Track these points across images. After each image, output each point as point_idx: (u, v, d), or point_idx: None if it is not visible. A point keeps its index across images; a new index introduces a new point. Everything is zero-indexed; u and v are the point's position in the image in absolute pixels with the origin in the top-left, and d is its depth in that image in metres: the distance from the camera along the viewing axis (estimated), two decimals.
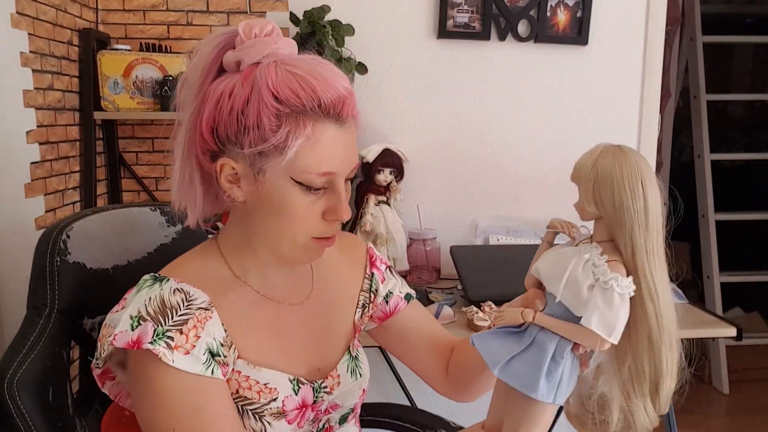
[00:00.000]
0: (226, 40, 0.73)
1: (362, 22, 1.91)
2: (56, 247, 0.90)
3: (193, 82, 0.74)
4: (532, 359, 0.64)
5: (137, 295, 0.73)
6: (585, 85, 2.03)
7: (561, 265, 0.65)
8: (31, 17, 1.52)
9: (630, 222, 0.63)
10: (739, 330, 1.52)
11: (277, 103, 0.68)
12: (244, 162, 0.72)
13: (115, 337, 0.70)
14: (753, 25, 3.78)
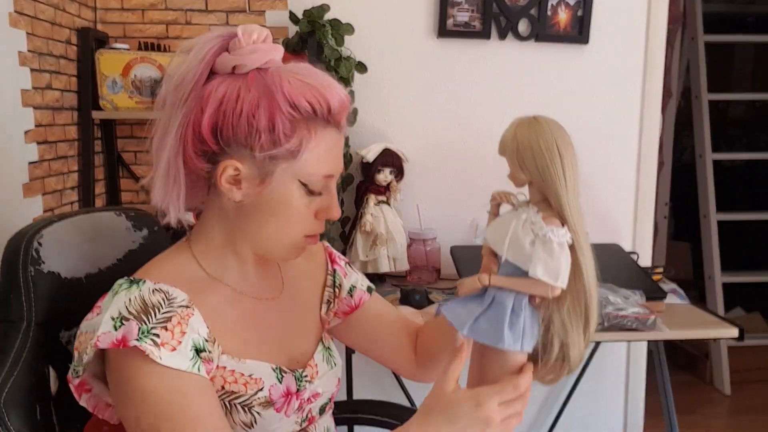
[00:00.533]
0: (222, 43, 0.74)
1: (362, 22, 1.91)
2: (28, 255, 0.84)
3: (186, 81, 0.74)
4: (494, 316, 0.71)
5: (114, 299, 0.73)
6: (586, 84, 2.02)
7: (503, 229, 0.72)
8: (29, 16, 1.52)
9: (552, 180, 0.70)
10: (740, 330, 1.51)
11: (292, 110, 0.72)
12: (252, 164, 0.74)
13: (99, 339, 0.69)
14: (754, 24, 3.77)
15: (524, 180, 0.73)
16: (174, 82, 0.74)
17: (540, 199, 0.72)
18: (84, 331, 0.73)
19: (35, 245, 0.86)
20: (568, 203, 0.70)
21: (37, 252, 0.86)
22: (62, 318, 0.87)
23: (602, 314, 1.45)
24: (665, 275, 1.89)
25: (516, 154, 0.73)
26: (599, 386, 2.19)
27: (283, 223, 0.78)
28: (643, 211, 2.10)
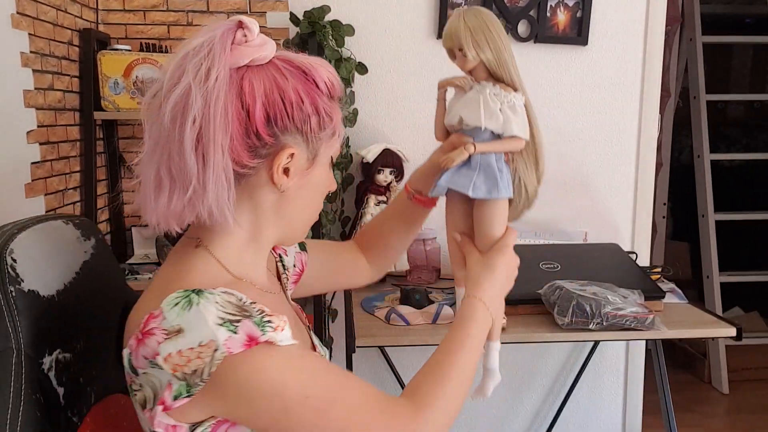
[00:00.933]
0: (231, 38, 0.72)
1: (362, 22, 1.92)
2: (5, 273, 0.74)
3: (218, 83, 0.69)
4: (487, 176, 0.87)
5: (193, 311, 0.66)
6: (585, 85, 2.03)
7: (474, 105, 0.87)
8: (31, 17, 1.52)
9: (503, 55, 0.87)
10: (738, 330, 1.52)
11: (328, 92, 0.76)
12: (302, 149, 0.75)
13: (227, 346, 0.65)
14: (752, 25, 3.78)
15: (474, 62, 0.86)
16: (195, 87, 0.68)
17: (486, 76, 0.88)
18: (172, 351, 0.65)
19: (9, 261, 0.76)
20: (516, 72, 0.89)
21: (13, 269, 0.75)
22: (44, 342, 0.78)
23: (601, 313, 1.46)
24: (664, 275, 1.90)
25: (471, 38, 0.84)
26: (598, 385, 2.20)
27: (318, 201, 0.83)
28: (641, 210, 2.11)
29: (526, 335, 1.49)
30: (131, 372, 0.69)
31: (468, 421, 2.18)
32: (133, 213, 0.78)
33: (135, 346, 0.68)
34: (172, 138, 0.69)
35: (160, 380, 0.66)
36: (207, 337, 0.65)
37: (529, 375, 2.18)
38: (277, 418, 0.68)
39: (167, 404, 0.66)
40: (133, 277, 1.79)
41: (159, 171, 0.71)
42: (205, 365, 0.65)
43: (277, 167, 0.73)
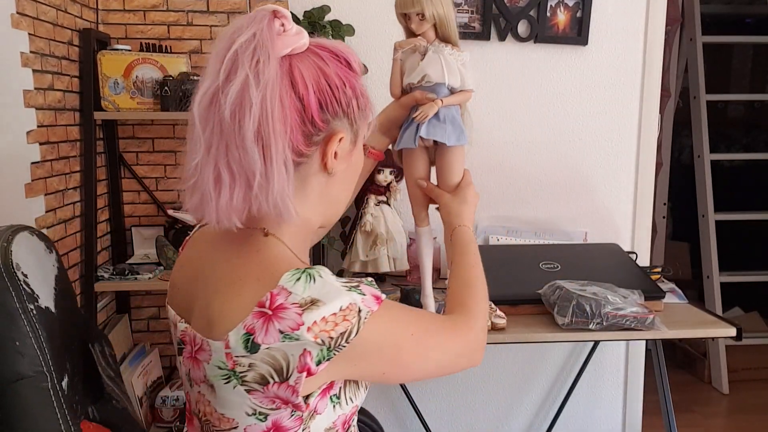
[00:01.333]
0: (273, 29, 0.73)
1: (362, 22, 1.92)
2: (21, 291, 0.69)
3: (269, 76, 0.69)
4: (454, 126, 1.04)
5: (318, 282, 0.70)
6: (585, 85, 2.03)
7: (437, 63, 1.02)
8: (31, 17, 1.52)
9: (451, 15, 1.03)
10: (738, 330, 1.52)
11: (359, 72, 0.80)
12: (348, 132, 0.78)
13: (366, 306, 0.71)
14: (752, 25, 3.78)
15: (430, 23, 1.01)
16: (252, 80, 0.68)
17: (434, 36, 1.03)
18: (317, 319, 0.68)
19: (21, 276, 0.71)
20: (457, 34, 1.05)
21: (27, 285, 0.71)
22: (62, 363, 0.74)
23: (601, 313, 1.46)
24: (664, 275, 1.90)
25: (433, 4, 1.00)
26: (598, 385, 2.20)
27: (354, 181, 0.86)
28: (641, 211, 2.11)
29: (526, 335, 1.49)
30: (246, 352, 0.69)
31: (468, 420, 2.18)
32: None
33: (263, 324, 0.69)
34: (231, 133, 0.69)
35: (287, 353, 0.68)
36: (346, 301, 0.70)
37: (529, 375, 2.18)
38: (392, 360, 0.76)
39: (312, 370, 0.69)
40: (133, 277, 1.79)
41: (218, 168, 0.70)
42: (352, 326, 0.70)
43: (330, 152, 0.76)
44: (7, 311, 0.68)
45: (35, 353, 0.68)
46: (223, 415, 0.74)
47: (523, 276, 1.70)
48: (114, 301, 2.03)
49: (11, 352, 0.68)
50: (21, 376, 0.68)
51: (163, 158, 2.00)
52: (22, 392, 0.68)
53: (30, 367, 0.68)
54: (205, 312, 0.75)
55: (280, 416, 0.73)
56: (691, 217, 3.22)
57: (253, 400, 0.71)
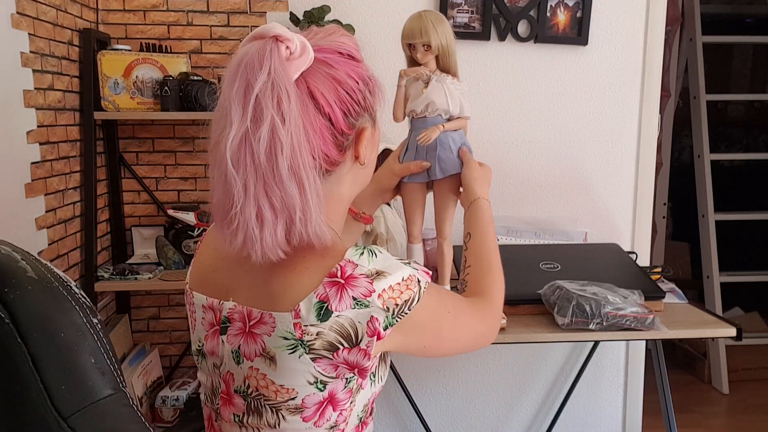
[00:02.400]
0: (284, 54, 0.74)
1: (362, 23, 1.92)
2: (82, 304, 0.68)
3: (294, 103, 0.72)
4: (432, 156, 1.12)
5: (380, 257, 0.78)
6: (585, 85, 2.03)
7: (440, 93, 1.08)
8: (31, 17, 1.52)
9: (453, 47, 1.09)
10: (738, 330, 1.52)
11: (363, 62, 0.83)
12: (369, 123, 0.84)
13: (423, 277, 0.79)
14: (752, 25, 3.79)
15: (434, 54, 1.07)
16: (278, 120, 0.71)
17: (435, 66, 1.09)
18: (385, 287, 0.76)
19: (75, 289, 0.68)
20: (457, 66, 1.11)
21: (84, 297, 0.69)
22: (122, 378, 0.73)
23: (601, 314, 1.46)
24: (664, 275, 1.90)
25: (435, 33, 1.05)
26: (598, 385, 2.20)
27: (376, 153, 0.91)
28: (641, 211, 2.11)
29: (526, 335, 1.49)
30: (317, 320, 0.74)
31: (468, 420, 2.18)
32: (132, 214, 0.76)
33: (337, 291, 0.75)
34: (269, 173, 0.72)
35: (354, 321, 0.75)
36: (407, 273, 0.78)
37: (529, 375, 2.18)
38: (434, 334, 0.83)
39: (381, 334, 0.76)
40: (133, 277, 1.79)
41: (260, 208, 0.73)
42: (415, 294, 0.78)
43: (362, 148, 0.83)
44: (76, 327, 0.66)
45: (110, 370, 0.67)
46: (282, 386, 0.78)
47: (523, 276, 1.69)
48: (114, 301, 2.03)
49: (90, 370, 0.66)
50: (103, 396, 0.66)
51: (163, 158, 2.00)
52: (107, 412, 0.67)
53: (110, 385, 0.67)
54: (263, 288, 0.79)
55: (336, 387, 0.78)
56: (691, 217, 3.22)
57: (317, 368, 0.76)
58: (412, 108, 1.10)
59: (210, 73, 1.93)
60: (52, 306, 0.66)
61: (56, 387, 0.64)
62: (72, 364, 0.65)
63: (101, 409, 0.66)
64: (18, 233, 1.46)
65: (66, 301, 0.67)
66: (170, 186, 2.01)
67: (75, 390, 0.65)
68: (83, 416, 0.65)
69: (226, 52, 1.96)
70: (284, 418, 0.79)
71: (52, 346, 0.65)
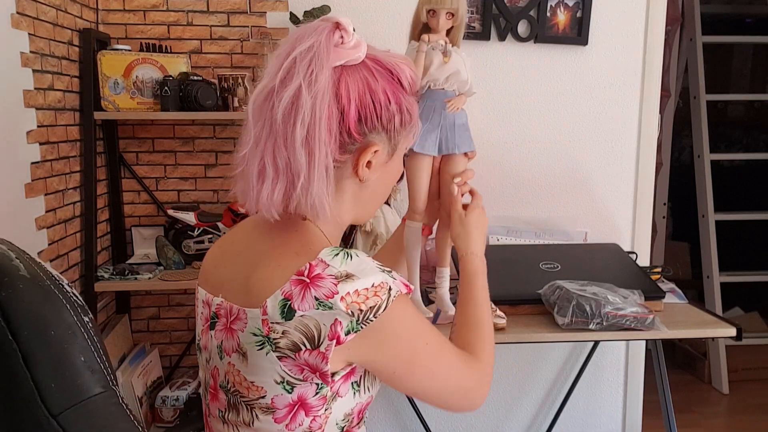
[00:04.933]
0: (331, 40, 0.77)
1: (362, 22, 1.91)
2: (73, 302, 0.68)
3: (321, 84, 0.74)
4: (452, 131, 1.07)
5: (355, 260, 0.76)
6: (585, 85, 2.03)
7: (462, 64, 1.06)
8: (31, 17, 1.52)
9: (465, 24, 1.09)
10: (738, 330, 1.52)
11: (410, 90, 0.83)
12: (386, 145, 0.82)
13: (396, 287, 0.76)
14: (752, 25, 3.79)
15: (451, 25, 1.05)
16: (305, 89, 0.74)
17: (448, 39, 1.07)
18: (350, 291, 0.74)
19: (68, 289, 0.69)
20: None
21: (76, 296, 0.69)
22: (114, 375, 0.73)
23: (601, 314, 1.46)
24: (664, 275, 1.90)
25: (463, 6, 1.05)
26: (598, 385, 2.20)
27: (389, 188, 0.90)
28: (641, 211, 2.11)
29: (526, 335, 1.49)
30: (281, 318, 0.74)
31: (468, 420, 2.18)
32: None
33: (300, 290, 0.74)
34: (282, 134, 0.75)
35: (318, 322, 0.73)
36: (379, 279, 0.75)
37: (529, 375, 2.18)
38: (406, 361, 0.79)
39: (341, 339, 0.74)
40: (133, 277, 1.79)
41: (263, 162, 0.76)
42: (382, 302, 0.75)
43: (362, 162, 0.81)
44: (67, 325, 0.66)
45: (100, 368, 0.67)
46: (253, 383, 0.78)
47: (523, 276, 1.69)
48: (114, 301, 2.03)
49: (80, 368, 0.66)
50: (93, 393, 0.67)
51: (163, 158, 2.00)
52: (97, 410, 0.67)
53: (99, 383, 0.67)
54: (244, 284, 0.80)
55: (305, 391, 0.77)
56: (691, 217, 3.22)
57: (283, 367, 0.76)
58: (433, 78, 1.06)
59: (210, 73, 1.93)
60: (43, 304, 0.66)
61: (46, 384, 0.65)
62: (62, 362, 0.66)
63: (91, 407, 0.67)
64: (18, 233, 1.46)
65: (57, 300, 0.68)
66: (170, 186, 2.01)
67: (64, 388, 0.66)
68: (72, 414, 0.66)
69: (226, 52, 1.96)
70: (258, 418, 0.79)
71: (42, 343, 0.65)
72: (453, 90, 1.06)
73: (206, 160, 2.00)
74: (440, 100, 1.05)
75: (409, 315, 0.79)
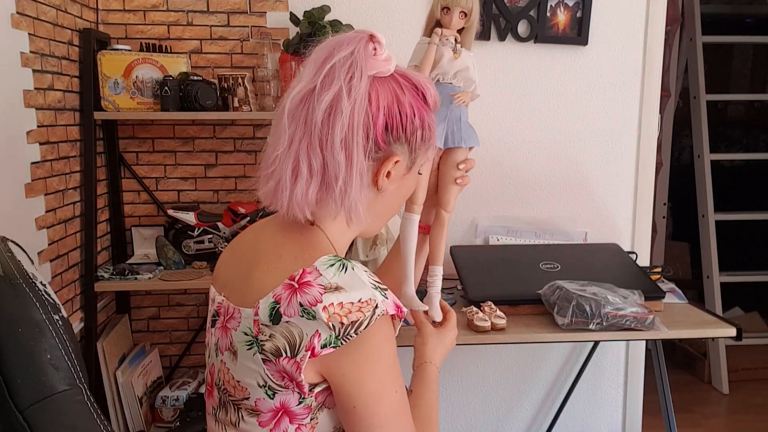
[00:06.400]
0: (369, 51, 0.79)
1: (362, 23, 1.91)
2: (44, 301, 0.69)
3: (364, 88, 0.77)
4: (458, 125, 1.06)
5: (345, 275, 0.76)
6: (585, 85, 2.03)
7: (471, 63, 1.07)
8: (31, 17, 1.52)
9: (476, 26, 1.06)
10: (738, 330, 1.52)
11: (432, 107, 0.85)
12: (406, 157, 0.84)
13: (384, 305, 0.75)
14: (752, 25, 3.79)
15: (463, 25, 1.05)
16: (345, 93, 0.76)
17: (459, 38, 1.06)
18: (334, 302, 0.73)
19: (40, 286, 0.70)
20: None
21: (48, 294, 0.70)
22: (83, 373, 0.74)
23: (601, 314, 1.46)
24: (664, 275, 1.90)
25: (476, 7, 1.04)
26: (598, 385, 2.20)
27: (401, 202, 0.91)
28: (641, 210, 2.11)
29: (526, 335, 1.49)
30: (269, 321, 0.75)
31: (468, 420, 2.18)
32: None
33: (288, 295, 0.74)
34: (320, 136, 0.76)
35: (302, 330, 0.73)
36: (367, 295, 0.74)
37: (529, 375, 2.18)
38: (368, 399, 0.76)
39: (316, 351, 0.73)
40: (133, 277, 1.79)
41: (298, 161, 0.77)
42: (365, 318, 0.73)
43: (383, 171, 0.82)
44: (34, 323, 0.68)
45: (67, 366, 0.69)
46: (239, 382, 0.79)
47: (523, 276, 1.70)
48: (114, 301, 2.03)
49: (45, 365, 0.68)
50: (57, 390, 0.69)
51: (163, 158, 2.00)
52: (61, 407, 0.68)
53: (65, 381, 0.68)
54: (243, 284, 0.81)
55: (288, 399, 0.77)
56: (691, 217, 3.22)
57: (266, 370, 0.76)
58: (443, 72, 1.07)
59: (210, 73, 1.93)
60: (12, 302, 0.69)
61: (13, 380, 0.67)
62: (27, 359, 0.68)
63: (55, 403, 0.69)
64: (18, 233, 1.46)
65: (27, 298, 0.69)
66: (170, 186, 2.01)
67: (30, 384, 0.68)
68: (38, 410, 0.68)
69: (226, 52, 1.96)
70: (243, 419, 0.80)
71: (10, 340, 0.67)
72: (459, 86, 1.07)
73: (206, 160, 2.00)
74: (447, 94, 1.06)
75: (388, 346, 0.77)
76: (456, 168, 1.08)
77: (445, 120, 1.06)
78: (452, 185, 1.09)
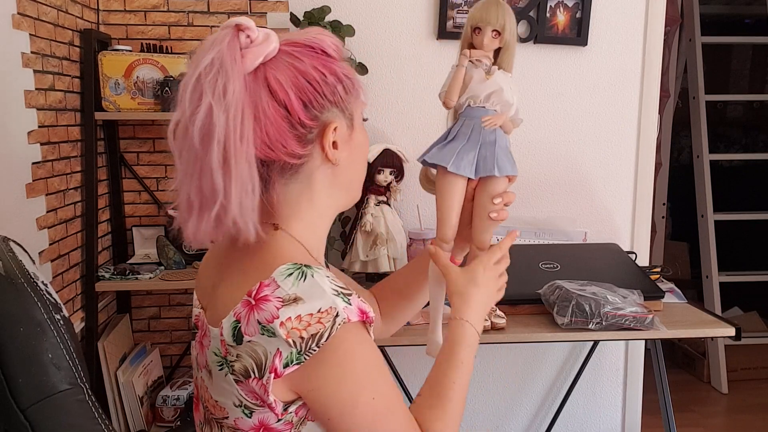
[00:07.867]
0: (237, 46, 0.73)
1: (362, 23, 1.92)
2: (45, 300, 0.70)
3: (235, 96, 0.70)
4: (491, 151, 0.95)
5: (303, 283, 0.70)
6: (584, 85, 2.03)
7: (507, 84, 0.97)
8: (32, 18, 1.53)
9: (514, 49, 0.98)
10: (737, 330, 1.53)
11: (338, 56, 0.79)
12: (341, 119, 0.78)
13: (346, 313, 0.69)
14: (752, 25, 3.79)
15: (497, 45, 0.97)
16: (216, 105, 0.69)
17: (494, 60, 0.99)
18: (291, 316, 0.68)
19: (41, 286, 0.70)
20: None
21: (49, 294, 0.71)
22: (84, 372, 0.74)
23: (601, 313, 1.47)
24: (663, 275, 1.90)
25: (506, 24, 0.95)
26: (597, 385, 2.20)
27: (364, 160, 0.86)
28: (641, 211, 2.12)
29: (526, 335, 1.50)
30: (233, 342, 0.70)
31: (468, 419, 2.19)
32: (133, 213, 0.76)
33: (246, 313, 0.70)
34: (201, 159, 0.70)
35: (265, 349, 0.69)
36: (327, 304, 0.69)
37: (529, 375, 2.18)
38: (343, 410, 0.71)
39: (278, 371, 0.68)
40: (134, 277, 1.79)
41: (189, 194, 0.72)
42: (325, 330, 0.68)
43: (327, 145, 0.77)
44: (36, 323, 0.69)
45: (68, 365, 0.69)
46: (217, 402, 0.76)
47: (523, 276, 1.70)
48: (115, 301, 2.03)
49: (46, 364, 0.68)
50: (58, 390, 0.69)
51: (164, 158, 2.00)
52: (63, 407, 0.68)
53: (66, 380, 0.69)
54: (211, 300, 0.78)
55: (266, 417, 0.72)
56: (690, 217, 3.22)
57: (240, 391, 0.72)
58: (474, 94, 0.97)
59: None
60: (14, 302, 0.69)
61: (14, 379, 0.67)
62: (29, 358, 0.68)
63: (56, 403, 0.69)
64: (19, 233, 1.46)
65: (28, 297, 0.70)
66: (171, 186, 2.02)
67: (31, 383, 0.68)
68: (39, 409, 0.68)
69: None
70: None
71: (11, 339, 0.67)
72: (495, 110, 0.97)
73: None
74: (479, 118, 0.96)
75: (360, 352, 0.72)
76: (491, 201, 0.95)
77: (477, 146, 0.95)
78: (487, 220, 0.97)
